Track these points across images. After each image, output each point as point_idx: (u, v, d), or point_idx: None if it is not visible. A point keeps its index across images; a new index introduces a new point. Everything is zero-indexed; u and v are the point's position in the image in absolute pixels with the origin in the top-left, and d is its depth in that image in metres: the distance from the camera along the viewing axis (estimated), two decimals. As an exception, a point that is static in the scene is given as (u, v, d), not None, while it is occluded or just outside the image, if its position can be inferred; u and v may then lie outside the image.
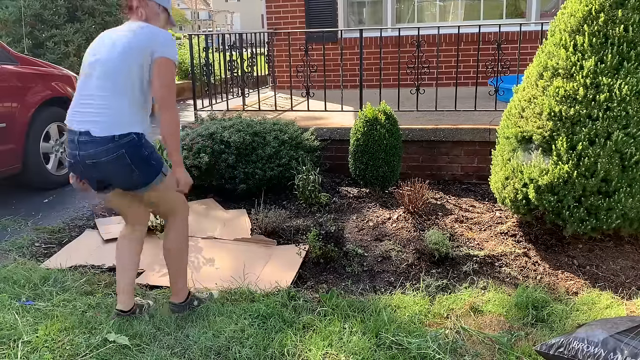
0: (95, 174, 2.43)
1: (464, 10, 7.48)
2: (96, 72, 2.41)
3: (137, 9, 2.53)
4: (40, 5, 8.98)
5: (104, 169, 2.38)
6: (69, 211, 4.42)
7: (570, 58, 3.17)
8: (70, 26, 9.17)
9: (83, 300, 2.85)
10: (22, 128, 4.60)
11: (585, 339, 2.09)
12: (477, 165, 4.79)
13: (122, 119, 2.38)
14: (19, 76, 4.67)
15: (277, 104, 5.90)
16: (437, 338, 2.41)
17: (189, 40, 5.83)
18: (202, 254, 3.46)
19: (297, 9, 7.46)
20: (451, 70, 6.35)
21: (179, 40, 17.43)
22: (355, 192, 4.58)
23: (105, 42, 2.47)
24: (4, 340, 2.45)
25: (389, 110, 4.39)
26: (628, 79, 2.97)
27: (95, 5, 9.65)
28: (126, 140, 2.36)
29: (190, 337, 2.48)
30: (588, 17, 3.13)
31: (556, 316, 2.61)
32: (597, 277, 3.07)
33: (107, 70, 2.40)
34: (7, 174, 4.60)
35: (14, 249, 3.64)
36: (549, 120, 3.18)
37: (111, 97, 2.38)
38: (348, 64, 6.95)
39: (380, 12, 7.47)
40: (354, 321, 2.58)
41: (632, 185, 3.01)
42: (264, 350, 2.38)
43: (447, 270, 3.16)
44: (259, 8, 23.71)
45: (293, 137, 4.58)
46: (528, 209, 3.37)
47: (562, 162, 3.09)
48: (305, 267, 3.26)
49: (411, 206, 4.03)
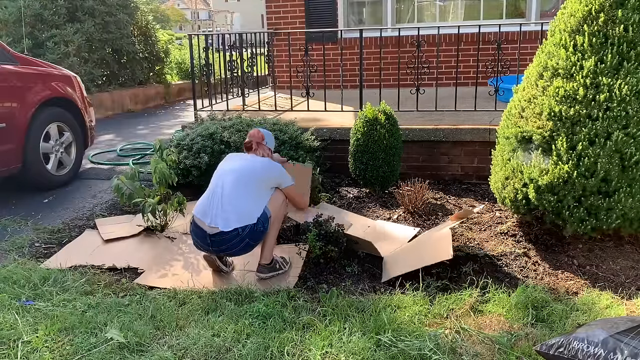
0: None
1: (464, 10, 7.48)
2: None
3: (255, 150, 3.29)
4: (40, 5, 8.97)
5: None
6: (68, 211, 4.42)
7: (570, 58, 3.17)
8: (70, 26, 9.16)
9: (83, 300, 2.85)
10: (22, 128, 4.59)
11: (585, 339, 2.08)
12: (477, 165, 4.79)
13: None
14: (18, 76, 4.67)
15: (277, 104, 5.90)
16: (437, 338, 2.41)
17: (189, 40, 5.83)
18: (201, 255, 3.45)
19: (297, 9, 7.46)
20: (451, 70, 6.35)
21: (179, 40, 17.43)
22: (355, 192, 4.58)
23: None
24: (4, 340, 2.45)
25: (389, 110, 4.39)
26: (628, 79, 2.97)
27: (95, 5, 9.65)
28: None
29: (190, 337, 2.48)
30: (588, 17, 3.13)
31: (556, 316, 2.61)
32: (597, 277, 3.07)
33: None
34: (7, 174, 4.60)
35: (13, 249, 3.64)
36: (549, 120, 3.18)
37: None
38: (348, 64, 6.95)
39: (380, 12, 7.47)
40: (353, 321, 2.58)
41: (632, 185, 3.01)
42: (264, 350, 2.38)
43: (447, 270, 3.16)
44: (259, 8, 23.73)
45: (293, 137, 4.58)
46: (528, 209, 3.37)
47: (562, 162, 3.09)
48: (305, 267, 3.27)
49: (411, 206, 4.03)
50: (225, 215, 2.97)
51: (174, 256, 3.48)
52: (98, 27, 9.69)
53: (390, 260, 3.31)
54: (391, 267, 3.21)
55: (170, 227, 3.90)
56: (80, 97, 5.37)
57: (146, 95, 10.96)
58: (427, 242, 3.39)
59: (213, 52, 6.19)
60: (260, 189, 3.09)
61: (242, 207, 3.00)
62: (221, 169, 3.19)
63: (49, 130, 4.93)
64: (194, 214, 3.08)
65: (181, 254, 3.50)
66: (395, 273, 3.10)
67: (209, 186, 3.17)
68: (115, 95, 10.02)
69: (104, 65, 10.22)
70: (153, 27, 11.57)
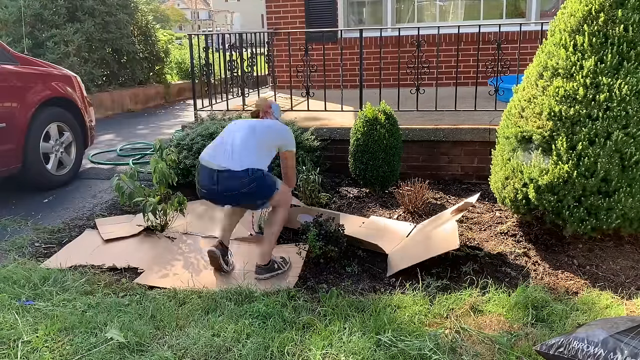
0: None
1: (463, 10, 7.48)
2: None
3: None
4: (40, 5, 8.97)
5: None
6: (68, 211, 4.42)
7: (570, 58, 3.17)
8: (70, 26, 9.16)
9: (83, 300, 2.85)
10: (22, 128, 4.59)
11: (585, 339, 2.08)
12: (477, 165, 4.79)
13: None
14: (19, 76, 4.67)
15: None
16: (437, 338, 2.41)
17: (189, 40, 5.83)
18: (202, 255, 3.46)
19: (297, 8, 7.46)
20: (451, 70, 6.35)
21: (179, 40, 17.43)
22: (355, 192, 4.58)
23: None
24: (4, 340, 2.45)
25: (389, 110, 4.39)
26: (628, 79, 2.97)
27: (95, 5, 9.65)
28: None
29: (190, 337, 2.48)
30: (588, 17, 3.13)
31: (556, 316, 2.61)
32: (597, 277, 3.07)
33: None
34: (7, 174, 4.60)
35: (13, 249, 3.64)
36: (549, 120, 3.18)
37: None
38: (348, 64, 6.95)
39: (380, 12, 7.47)
40: (353, 321, 2.58)
41: (632, 185, 3.01)
42: (264, 350, 2.38)
43: (447, 270, 3.16)
44: (259, 8, 23.70)
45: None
46: (528, 208, 3.37)
47: (562, 162, 3.09)
48: (305, 267, 3.27)
49: (411, 206, 4.03)
50: (236, 159, 3.03)
51: (174, 256, 3.48)
52: (98, 27, 9.69)
53: (394, 255, 3.32)
54: (396, 262, 3.22)
55: (170, 227, 3.90)
56: (80, 97, 5.37)
57: (146, 95, 10.96)
58: (431, 235, 3.39)
59: (213, 52, 6.18)
60: (268, 148, 3.19)
61: (253, 158, 3.06)
62: (228, 129, 3.26)
63: (49, 130, 4.93)
64: (200, 160, 3.16)
65: (181, 254, 3.50)
66: (402, 266, 3.11)
67: (215, 140, 3.25)
68: (115, 95, 10.02)
69: (104, 65, 10.22)
70: (153, 27, 11.58)
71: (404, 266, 3.11)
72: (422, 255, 3.11)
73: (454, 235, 3.07)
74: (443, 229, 3.29)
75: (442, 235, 3.23)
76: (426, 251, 3.13)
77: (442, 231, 3.28)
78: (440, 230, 3.32)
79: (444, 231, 3.25)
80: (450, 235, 3.11)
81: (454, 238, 3.04)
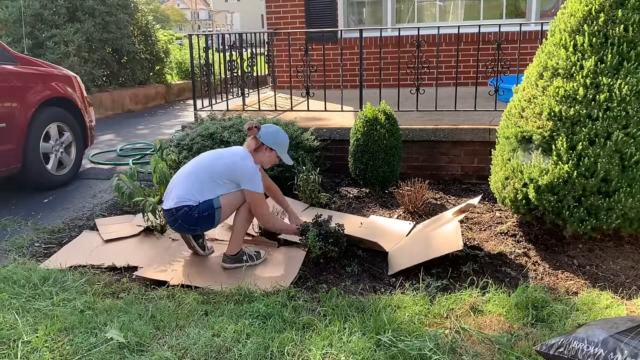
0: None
1: (463, 10, 7.49)
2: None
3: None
4: (40, 5, 8.97)
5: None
6: (68, 211, 4.42)
7: (570, 58, 3.17)
8: (70, 26, 9.17)
9: (83, 300, 2.85)
10: (22, 128, 4.59)
11: (585, 339, 2.08)
12: (477, 165, 4.79)
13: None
14: (19, 76, 4.67)
15: (277, 104, 5.90)
16: (437, 338, 2.41)
17: (189, 40, 5.83)
18: (202, 255, 3.45)
19: (297, 9, 7.46)
20: (451, 70, 6.35)
21: (179, 40, 17.43)
22: (355, 192, 4.58)
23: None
24: (4, 340, 2.45)
25: (389, 110, 4.39)
26: (628, 79, 2.97)
27: (95, 5, 9.65)
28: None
29: (190, 337, 2.48)
30: (588, 17, 3.13)
31: (556, 316, 2.61)
32: (597, 277, 3.07)
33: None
34: (7, 174, 4.60)
35: (13, 249, 3.64)
36: (549, 120, 3.18)
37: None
38: (348, 64, 6.95)
39: (380, 12, 7.47)
40: (353, 321, 2.58)
41: (632, 185, 3.01)
42: (264, 350, 2.38)
43: (447, 270, 3.16)
44: (259, 8, 23.69)
45: (293, 137, 4.58)
46: (528, 209, 3.37)
47: (562, 162, 3.09)
48: (305, 267, 3.27)
49: (411, 206, 4.03)
50: (169, 197, 3.25)
51: (174, 256, 3.48)
52: (98, 27, 9.69)
53: (395, 254, 3.32)
54: (397, 260, 3.22)
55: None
56: (80, 97, 5.37)
57: (146, 95, 10.96)
58: (433, 235, 3.39)
59: (213, 52, 6.19)
60: (213, 181, 3.18)
61: (183, 191, 3.19)
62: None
63: (49, 130, 4.94)
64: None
65: (181, 254, 3.50)
66: (404, 265, 3.11)
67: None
68: (115, 95, 10.02)
69: (104, 65, 10.22)
70: (153, 27, 11.58)
71: (406, 266, 3.11)
72: (424, 255, 3.10)
73: (457, 236, 3.07)
74: (445, 229, 3.29)
75: (444, 236, 3.23)
76: (428, 251, 3.13)
77: (444, 232, 3.28)
78: (443, 230, 3.32)
79: (446, 232, 3.25)
80: (452, 236, 3.11)
81: (456, 239, 3.04)
